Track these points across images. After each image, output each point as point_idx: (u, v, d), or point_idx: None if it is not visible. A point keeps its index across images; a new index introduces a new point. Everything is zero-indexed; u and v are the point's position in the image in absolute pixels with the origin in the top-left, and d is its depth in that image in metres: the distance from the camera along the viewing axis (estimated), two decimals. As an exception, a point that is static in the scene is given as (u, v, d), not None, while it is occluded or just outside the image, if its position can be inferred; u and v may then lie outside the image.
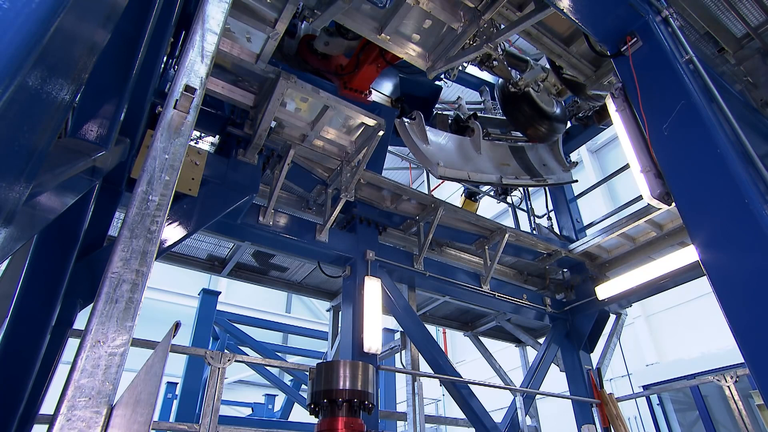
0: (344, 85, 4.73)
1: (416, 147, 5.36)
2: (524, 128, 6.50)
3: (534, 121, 6.32)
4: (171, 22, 2.80)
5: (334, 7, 3.45)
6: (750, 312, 2.43)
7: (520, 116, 6.43)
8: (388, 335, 7.84)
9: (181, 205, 3.70)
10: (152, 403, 0.97)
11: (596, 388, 6.34)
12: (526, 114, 6.34)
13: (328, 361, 2.93)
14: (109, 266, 1.08)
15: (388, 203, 5.66)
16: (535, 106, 6.30)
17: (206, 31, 1.59)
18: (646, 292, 6.35)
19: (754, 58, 4.26)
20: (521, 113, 6.38)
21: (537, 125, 6.38)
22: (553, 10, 3.31)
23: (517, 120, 6.48)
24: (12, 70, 0.83)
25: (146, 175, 1.25)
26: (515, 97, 6.28)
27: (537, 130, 6.48)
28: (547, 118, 6.37)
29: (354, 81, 4.71)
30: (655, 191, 3.21)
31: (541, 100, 6.36)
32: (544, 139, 6.69)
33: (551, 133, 6.56)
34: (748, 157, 2.75)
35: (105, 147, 2.32)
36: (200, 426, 3.54)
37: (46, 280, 2.74)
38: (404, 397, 5.42)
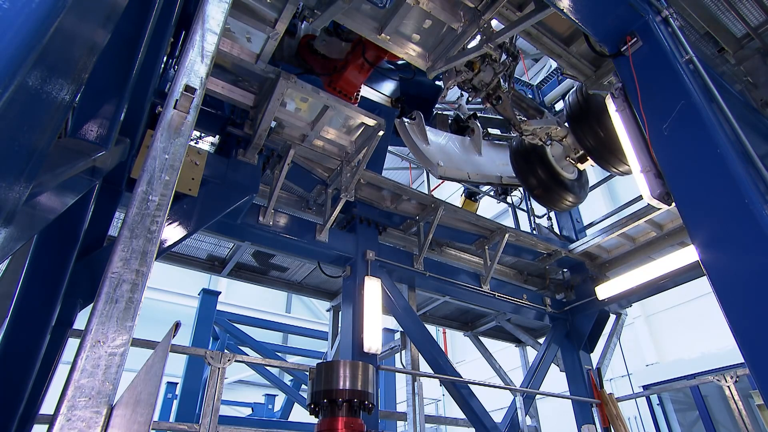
0: (328, 83, 4.65)
1: (416, 147, 5.36)
2: (535, 193, 5.68)
3: (546, 185, 5.46)
4: (171, 22, 2.80)
5: (334, 7, 3.44)
6: (750, 312, 2.43)
7: (530, 176, 5.55)
8: (388, 335, 7.84)
9: (181, 205, 3.70)
10: (152, 403, 0.97)
11: (596, 388, 6.34)
12: (537, 175, 5.45)
13: (328, 361, 2.93)
14: (109, 266, 1.08)
15: (388, 203, 5.66)
16: (549, 167, 5.43)
17: (206, 31, 1.59)
18: (646, 292, 6.35)
19: (754, 58, 4.26)
20: (532, 173, 5.51)
21: (550, 191, 5.51)
22: (553, 10, 3.31)
23: (527, 180, 5.64)
24: (12, 70, 0.83)
25: (146, 175, 1.25)
26: (527, 152, 5.51)
27: (549, 198, 5.59)
28: (563, 186, 5.46)
29: (339, 82, 4.63)
30: (655, 191, 3.21)
31: (558, 162, 5.49)
32: (557, 208, 5.92)
33: (564, 203, 5.63)
34: (748, 157, 2.75)
35: (105, 147, 2.32)
36: (200, 426, 3.54)
37: (46, 280, 2.74)
38: (404, 397, 5.42)
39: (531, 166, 5.55)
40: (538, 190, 5.60)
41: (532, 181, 5.56)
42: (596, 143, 4.76)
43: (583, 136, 4.87)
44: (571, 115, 4.85)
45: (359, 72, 4.61)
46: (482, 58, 4.42)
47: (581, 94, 4.78)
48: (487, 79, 4.54)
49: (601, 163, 4.93)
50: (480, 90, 4.63)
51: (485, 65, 4.47)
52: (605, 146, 4.67)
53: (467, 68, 4.43)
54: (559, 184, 5.46)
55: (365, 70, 4.62)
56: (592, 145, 4.79)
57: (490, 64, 4.47)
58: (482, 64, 4.45)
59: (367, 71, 4.68)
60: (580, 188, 5.67)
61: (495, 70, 4.50)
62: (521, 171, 5.64)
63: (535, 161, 5.51)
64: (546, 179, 5.43)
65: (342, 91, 4.56)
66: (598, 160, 4.96)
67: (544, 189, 5.50)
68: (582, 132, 4.86)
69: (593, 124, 4.70)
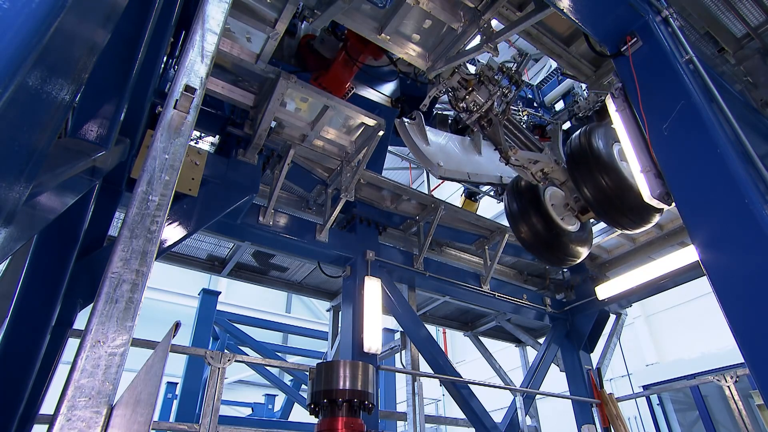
0: (314, 79, 4.56)
1: (416, 147, 5.35)
2: (525, 243, 4.85)
3: (538, 235, 4.66)
4: (171, 22, 2.80)
5: (334, 7, 3.44)
6: (750, 312, 2.43)
7: (520, 222, 4.75)
8: (388, 335, 7.84)
9: (181, 205, 3.70)
10: (152, 403, 0.97)
11: (596, 388, 6.34)
12: (528, 221, 4.67)
13: (328, 361, 2.93)
14: (109, 266, 1.08)
15: (388, 203, 5.66)
16: (544, 213, 4.66)
17: (206, 31, 1.59)
18: (646, 292, 6.34)
19: (754, 58, 4.25)
20: (523, 217, 4.73)
21: (541, 243, 4.69)
22: (553, 10, 3.31)
23: (515, 225, 4.84)
24: (12, 70, 0.83)
25: (146, 175, 1.25)
26: (520, 192, 4.81)
27: (539, 250, 4.79)
28: (558, 239, 4.64)
29: (325, 79, 4.54)
30: (655, 191, 3.21)
31: (557, 209, 4.74)
32: (550, 263, 5.18)
33: (558, 258, 4.85)
34: (748, 157, 2.75)
35: (105, 147, 2.32)
36: (200, 426, 3.54)
37: (46, 280, 2.74)
38: (404, 397, 5.41)
39: (522, 209, 4.72)
40: (528, 240, 4.73)
41: (522, 228, 4.74)
42: (598, 195, 4.04)
43: (582, 184, 4.15)
44: (572, 157, 4.21)
45: (343, 68, 4.48)
46: (478, 77, 4.12)
47: (585, 137, 4.18)
48: (480, 100, 4.15)
49: (605, 219, 4.29)
50: (472, 111, 4.19)
51: (480, 84, 4.13)
52: (609, 200, 4.00)
53: (461, 85, 4.17)
54: (554, 236, 4.64)
55: (350, 66, 4.47)
56: (592, 196, 4.09)
57: (486, 84, 4.13)
58: (477, 82, 4.12)
59: (352, 67, 4.51)
60: (580, 243, 4.78)
61: (490, 92, 4.12)
62: (511, 213, 4.88)
63: (528, 204, 4.71)
64: (539, 228, 4.63)
65: (327, 87, 4.45)
66: (601, 216, 4.28)
67: (535, 239, 4.67)
68: (582, 179, 4.15)
69: (596, 171, 4.03)
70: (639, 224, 4.11)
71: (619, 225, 4.19)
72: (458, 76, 4.16)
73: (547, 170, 4.42)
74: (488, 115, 4.22)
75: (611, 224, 4.28)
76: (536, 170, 4.41)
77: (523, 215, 4.73)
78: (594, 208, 4.20)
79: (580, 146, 4.15)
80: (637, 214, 4.00)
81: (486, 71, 4.12)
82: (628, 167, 3.94)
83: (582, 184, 4.15)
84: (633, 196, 3.77)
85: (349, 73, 4.56)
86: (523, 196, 4.79)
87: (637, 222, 4.08)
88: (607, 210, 4.07)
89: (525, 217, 4.71)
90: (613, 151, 4.11)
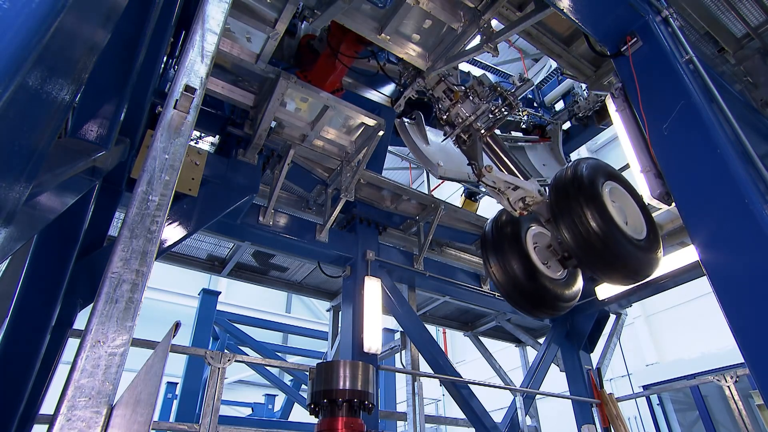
0: (301, 71, 4.46)
1: (416, 147, 5.35)
2: (499, 288, 4.06)
3: (513, 281, 3.88)
4: (171, 22, 2.80)
5: (334, 7, 3.44)
6: (750, 312, 2.43)
7: (494, 261, 4.00)
8: (388, 335, 7.84)
9: (181, 205, 3.71)
10: (152, 403, 0.97)
11: (596, 388, 6.34)
12: (504, 263, 3.90)
13: (328, 361, 2.93)
14: (109, 266, 1.08)
15: (388, 203, 5.66)
16: (523, 254, 3.92)
17: (206, 31, 1.59)
18: (646, 292, 6.34)
19: (754, 58, 4.26)
20: (497, 257, 3.97)
21: (516, 291, 3.92)
22: (553, 10, 3.31)
23: (487, 266, 4.11)
24: (12, 70, 0.83)
25: (146, 175, 1.25)
26: (499, 228, 4.10)
27: (515, 299, 3.99)
28: (537, 287, 3.87)
29: (310, 73, 4.43)
30: (655, 191, 3.22)
31: (541, 253, 4.02)
32: (527, 314, 4.33)
33: (535, 310, 4.08)
34: (748, 157, 2.75)
35: (105, 147, 2.32)
36: (200, 426, 3.54)
37: (46, 280, 2.74)
38: (404, 397, 5.42)
39: (497, 246, 4.01)
40: (500, 283, 3.96)
41: (494, 270, 3.98)
42: (579, 241, 3.30)
43: (562, 224, 3.40)
44: (554, 190, 3.57)
45: (327, 60, 4.35)
46: (465, 90, 3.87)
47: (576, 169, 3.55)
48: (463, 114, 3.84)
49: (589, 271, 3.67)
50: (453, 124, 3.88)
51: (466, 98, 3.85)
52: (592, 248, 3.27)
53: (446, 95, 3.94)
54: (533, 283, 3.85)
55: (332, 59, 4.30)
56: (573, 241, 3.34)
57: (472, 99, 3.84)
58: (464, 95, 3.85)
59: (335, 61, 4.29)
60: (567, 297, 4.00)
61: (475, 107, 3.81)
62: (483, 250, 4.16)
63: (504, 242, 3.98)
64: (515, 271, 3.86)
65: (312, 81, 4.33)
66: (583, 267, 3.65)
67: (510, 284, 3.90)
68: (562, 219, 3.40)
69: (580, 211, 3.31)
70: (632, 278, 3.47)
71: (606, 278, 3.56)
72: (444, 86, 3.98)
73: (529, 201, 3.73)
74: (469, 131, 3.85)
75: (598, 277, 3.60)
76: (515, 198, 3.75)
77: (498, 254, 3.98)
78: (575, 256, 3.50)
79: (563, 180, 3.52)
80: (628, 267, 3.33)
81: (476, 86, 3.86)
82: (619, 209, 3.52)
83: (562, 224, 3.41)
84: (624, 245, 3.24)
85: (333, 66, 4.33)
86: (500, 232, 4.06)
87: (630, 276, 3.44)
88: (591, 260, 3.36)
89: (499, 256, 3.96)
90: (604, 190, 3.51)
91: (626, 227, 3.42)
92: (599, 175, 3.59)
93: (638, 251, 3.37)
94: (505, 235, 4.04)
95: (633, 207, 3.76)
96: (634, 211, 3.75)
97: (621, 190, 3.77)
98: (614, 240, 3.25)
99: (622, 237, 3.29)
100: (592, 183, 3.45)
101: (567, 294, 4.00)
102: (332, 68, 4.35)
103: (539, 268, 3.91)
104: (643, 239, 3.52)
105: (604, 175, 3.64)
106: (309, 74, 4.43)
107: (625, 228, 3.37)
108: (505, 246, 3.98)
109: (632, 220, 3.68)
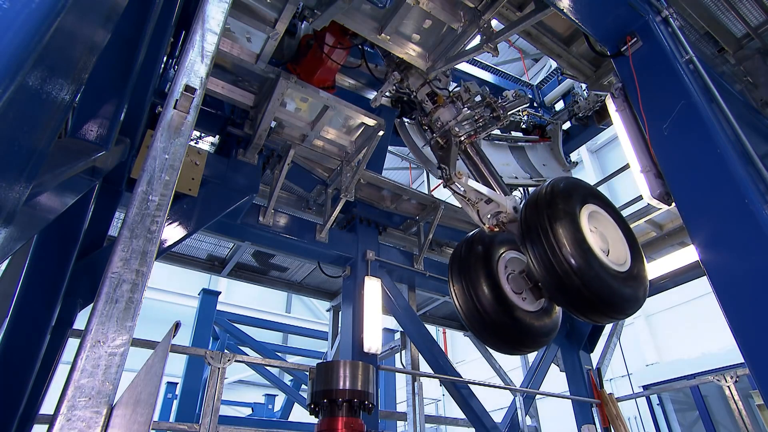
0: (291, 66, 4.40)
1: (416, 147, 5.35)
2: (464, 320, 3.52)
3: (478, 312, 3.34)
4: (171, 22, 2.80)
5: (334, 7, 3.44)
6: (750, 312, 2.43)
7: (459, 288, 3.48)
8: (388, 335, 7.84)
9: (181, 205, 3.71)
10: (152, 403, 0.97)
11: (596, 388, 6.34)
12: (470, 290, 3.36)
13: (328, 361, 2.93)
14: (109, 266, 1.08)
15: (388, 203, 5.66)
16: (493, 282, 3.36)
17: (206, 31, 1.59)
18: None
19: (754, 58, 4.26)
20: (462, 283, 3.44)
21: (482, 324, 3.37)
22: (553, 10, 3.31)
23: (455, 300, 3.54)
24: (12, 70, 0.83)
25: (146, 175, 1.25)
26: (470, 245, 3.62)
27: (481, 332, 3.44)
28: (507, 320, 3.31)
29: (299, 68, 4.35)
30: (655, 191, 3.21)
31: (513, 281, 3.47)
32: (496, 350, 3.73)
33: (505, 346, 3.52)
34: (748, 157, 2.75)
35: (105, 147, 2.32)
36: (200, 426, 3.54)
37: (46, 280, 2.74)
38: (404, 397, 5.42)
39: (463, 268, 3.47)
40: (464, 314, 3.42)
41: (457, 295, 3.45)
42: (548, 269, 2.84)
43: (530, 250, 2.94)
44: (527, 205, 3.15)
45: (314, 54, 4.28)
46: (450, 95, 3.72)
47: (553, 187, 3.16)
48: (444, 119, 3.65)
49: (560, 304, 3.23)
50: (433, 129, 3.70)
51: (449, 103, 3.68)
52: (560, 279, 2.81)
53: (429, 98, 3.80)
54: (502, 319, 3.28)
55: (319, 53, 4.22)
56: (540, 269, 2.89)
57: (455, 104, 3.67)
58: (448, 100, 3.68)
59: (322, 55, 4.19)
60: (544, 331, 3.44)
61: (455, 113, 3.59)
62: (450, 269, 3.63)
63: (472, 263, 3.45)
64: (481, 301, 3.30)
65: (300, 75, 4.26)
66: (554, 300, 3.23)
67: (474, 316, 3.34)
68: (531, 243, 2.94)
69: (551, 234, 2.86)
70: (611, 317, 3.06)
71: (582, 317, 3.08)
72: (428, 89, 3.84)
73: (503, 218, 3.31)
74: (447, 136, 3.60)
75: (573, 314, 3.10)
76: (487, 212, 3.39)
77: (463, 276, 3.43)
78: (546, 289, 3.07)
79: (537, 198, 3.08)
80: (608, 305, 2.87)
81: (462, 92, 3.71)
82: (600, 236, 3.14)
83: (530, 251, 2.94)
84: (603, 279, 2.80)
85: (320, 59, 4.23)
86: (470, 250, 3.54)
87: (609, 315, 3.00)
88: (563, 297, 2.92)
89: (464, 279, 3.41)
90: (582, 213, 3.06)
91: (606, 258, 2.96)
92: (578, 195, 3.15)
93: (620, 286, 2.90)
94: (475, 254, 3.47)
95: (616, 233, 3.27)
96: (617, 238, 3.25)
97: (603, 213, 3.28)
98: (591, 274, 2.78)
99: (601, 270, 2.83)
100: (568, 204, 3.00)
101: (544, 326, 3.44)
102: (320, 62, 4.26)
103: (510, 299, 3.35)
104: (625, 271, 3.03)
105: (583, 195, 3.19)
106: (299, 68, 4.40)
107: (604, 259, 2.91)
108: (471, 268, 3.40)
109: (615, 249, 3.20)
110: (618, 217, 3.39)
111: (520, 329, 3.32)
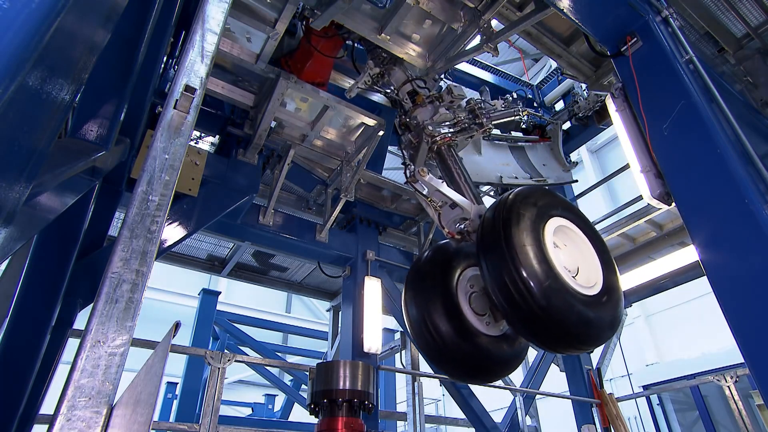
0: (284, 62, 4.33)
1: (416, 147, 5.35)
2: (419, 347, 3.05)
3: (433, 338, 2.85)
4: (171, 22, 2.80)
5: (334, 7, 3.44)
6: (750, 312, 2.43)
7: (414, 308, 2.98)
8: (388, 335, 7.83)
9: (181, 205, 3.71)
10: (152, 403, 0.97)
11: (596, 388, 6.34)
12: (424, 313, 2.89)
13: (328, 362, 2.93)
14: (109, 266, 1.08)
15: (388, 203, 5.66)
16: (452, 303, 2.92)
17: (206, 31, 1.59)
18: (646, 292, 6.34)
19: (754, 58, 4.26)
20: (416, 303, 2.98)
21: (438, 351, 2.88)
22: (553, 10, 3.31)
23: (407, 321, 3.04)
24: (12, 70, 0.83)
25: (146, 175, 1.25)
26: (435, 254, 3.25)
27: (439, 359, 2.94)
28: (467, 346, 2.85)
29: (291, 61, 4.28)
30: (655, 191, 3.21)
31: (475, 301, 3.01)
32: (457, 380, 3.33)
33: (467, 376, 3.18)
34: (748, 157, 2.75)
35: (105, 147, 2.32)
36: (200, 426, 3.54)
37: (46, 280, 2.74)
38: (404, 397, 5.42)
39: (418, 286, 3.02)
40: (416, 334, 2.95)
41: (409, 313, 2.98)
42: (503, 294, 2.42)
43: (484, 266, 2.56)
44: (481, 228, 2.69)
45: (304, 48, 4.21)
46: (431, 96, 3.58)
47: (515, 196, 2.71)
48: (420, 118, 3.49)
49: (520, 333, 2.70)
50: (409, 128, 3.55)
51: (428, 103, 3.52)
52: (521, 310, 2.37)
53: (409, 97, 3.65)
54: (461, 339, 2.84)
55: (309, 48, 4.15)
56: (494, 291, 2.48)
57: (435, 105, 3.49)
58: (428, 100, 3.54)
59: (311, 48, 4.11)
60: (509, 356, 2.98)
61: (433, 112, 3.44)
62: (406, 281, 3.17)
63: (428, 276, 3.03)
64: (438, 325, 2.83)
65: (292, 69, 4.20)
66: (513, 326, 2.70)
67: (428, 341, 2.87)
68: (485, 258, 2.55)
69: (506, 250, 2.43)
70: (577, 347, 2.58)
71: (544, 347, 2.77)
72: (410, 87, 3.70)
73: (467, 226, 2.93)
74: (420, 136, 3.42)
75: (530, 341, 2.74)
76: (451, 218, 3.07)
77: (417, 291, 3.00)
78: (500, 311, 2.59)
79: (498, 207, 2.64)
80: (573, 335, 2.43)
81: (445, 95, 3.53)
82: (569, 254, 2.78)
83: (484, 268, 2.56)
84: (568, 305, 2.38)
85: (309, 53, 4.14)
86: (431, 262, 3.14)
87: (574, 346, 2.54)
88: (521, 324, 2.47)
89: (418, 294, 2.98)
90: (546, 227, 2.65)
91: (572, 280, 2.53)
92: (544, 206, 2.73)
93: (588, 312, 2.45)
94: (435, 267, 3.05)
95: (588, 251, 2.87)
96: (588, 256, 2.85)
97: (574, 229, 2.87)
98: (553, 298, 2.35)
99: (565, 294, 2.41)
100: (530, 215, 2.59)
101: (510, 351, 2.98)
102: (309, 56, 4.15)
103: (470, 322, 2.89)
104: (595, 295, 2.61)
105: (550, 206, 2.77)
106: (290, 61, 4.39)
107: (570, 281, 2.48)
108: (428, 283, 2.97)
109: (585, 269, 2.80)
110: (592, 233, 2.98)
111: (480, 357, 2.86)
